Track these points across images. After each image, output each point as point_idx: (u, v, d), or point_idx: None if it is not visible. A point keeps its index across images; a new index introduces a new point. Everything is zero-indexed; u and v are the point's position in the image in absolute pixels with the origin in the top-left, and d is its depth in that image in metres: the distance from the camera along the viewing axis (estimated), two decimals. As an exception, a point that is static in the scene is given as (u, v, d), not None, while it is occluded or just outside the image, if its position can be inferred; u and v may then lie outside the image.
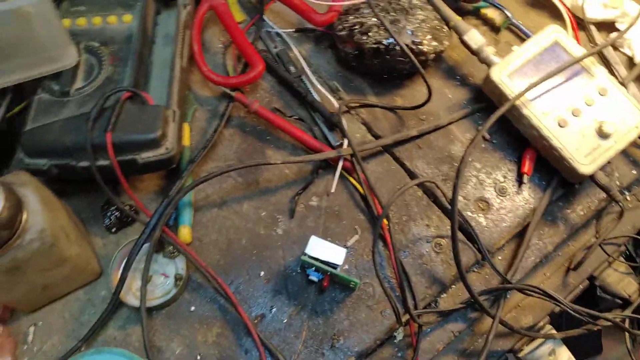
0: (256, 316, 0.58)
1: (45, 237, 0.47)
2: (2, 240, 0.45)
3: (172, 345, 0.56)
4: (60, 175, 0.56)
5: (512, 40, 0.77)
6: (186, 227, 0.59)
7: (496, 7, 0.76)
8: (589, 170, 0.61)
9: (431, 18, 0.68)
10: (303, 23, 0.75)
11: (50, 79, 0.58)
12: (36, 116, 0.56)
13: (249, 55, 0.67)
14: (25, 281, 0.50)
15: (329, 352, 0.56)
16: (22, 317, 0.56)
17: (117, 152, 0.54)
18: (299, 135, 0.65)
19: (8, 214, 0.44)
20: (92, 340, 0.55)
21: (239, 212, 0.62)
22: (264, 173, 0.65)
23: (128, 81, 0.58)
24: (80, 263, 0.54)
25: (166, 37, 0.67)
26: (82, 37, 0.61)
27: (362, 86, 0.72)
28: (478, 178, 0.66)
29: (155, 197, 0.62)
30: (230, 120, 0.68)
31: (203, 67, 0.65)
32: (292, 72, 0.70)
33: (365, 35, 0.66)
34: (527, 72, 0.65)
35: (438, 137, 0.69)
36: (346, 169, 0.65)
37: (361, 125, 0.69)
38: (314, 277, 0.58)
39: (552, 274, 0.64)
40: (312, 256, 0.55)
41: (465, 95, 0.72)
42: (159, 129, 0.55)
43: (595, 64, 0.66)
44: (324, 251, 0.56)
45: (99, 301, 0.57)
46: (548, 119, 0.63)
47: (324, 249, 0.56)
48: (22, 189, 0.48)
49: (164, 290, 0.57)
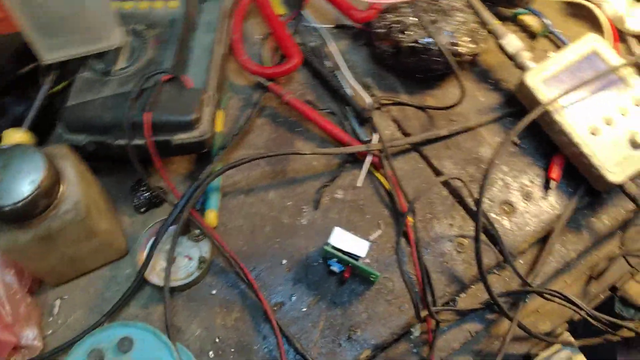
0: (275, 303, 0.58)
1: (79, 209, 0.49)
2: (40, 208, 0.46)
3: (192, 327, 0.57)
4: (97, 151, 0.58)
5: (549, 49, 0.77)
6: (213, 212, 0.60)
7: (535, 14, 0.76)
8: (619, 179, 0.61)
9: (470, 21, 0.68)
10: (341, 19, 0.76)
11: (94, 58, 0.60)
12: (78, 93, 0.58)
13: (287, 48, 0.68)
14: (56, 252, 0.51)
15: (345, 343, 0.57)
16: (49, 290, 0.57)
17: (153, 132, 0.56)
18: (329, 128, 0.66)
19: (48, 183, 0.46)
20: (114, 316, 0.56)
21: (265, 200, 0.63)
22: (291, 163, 0.66)
23: (169, 64, 0.60)
24: (108, 239, 0.55)
25: (208, 24, 0.68)
26: (128, 19, 0.63)
27: (395, 84, 0.72)
28: (504, 181, 0.66)
29: (184, 180, 0.64)
30: (263, 110, 0.69)
31: (241, 56, 0.66)
32: (327, 67, 0.71)
33: (403, 34, 0.67)
34: (562, 79, 0.65)
35: (467, 139, 0.69)
36: (373, 165, 0.65)
37: (391, 122, 0.69)
38: (335, 267, 0.58)
39: (573, 281, 0.64)
40: (335, 247, 0.56)
41: (497, 100, 0.72)
42: (194, 112, 0.56)
43: (632, 75, 0.65)
44: (347, 242, 0.56)
45: (123, 279, 0.58)
46: (580, 126, 0.63)
47: (347, 241, 0.56)
48: (61, 161, 0.50)
49: (186, 272, 0.58)
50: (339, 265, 0.58)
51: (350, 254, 0.56)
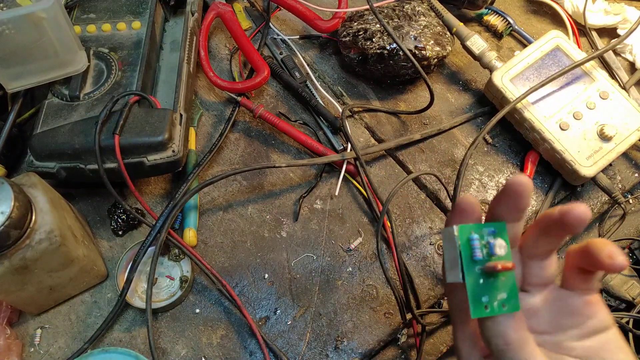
0: (260, 318, 0.58)
1: (53, 238, 0.48)
2: (12, 239, 0.45)
3: (177, 347, 0.56)
4: (69, 178, 0.57)
5: (515, 47, 0.78)
6: (192, 230, 0.60)
7: (498, 13, 0.77)
8: (591, 173, 0.62)
9: (434, 24, 0.69)
10: (308, 30, 0.76)
11: (61, 83, 0.59)
12: (46, 120, 0.57)
13: (255, 61, 0.68)
14: (34, 282, 0.51)
15: (332, 353, 0.57)
16: (29, 319, 0.57)
17: (125, 154, 0.55)
18: (303, 139, 0.66)
19: (18, 213, 0.45)
20: (98, 342, 0.55)
21: (244, 215, 0.63)
22: (268, 177, 0.66)
23: (136, 86, 0.59)
24: (87, 264, 0.54)
25: (174, 43, 0.68)
26: (92, 43, 0.63)
27: (365, 91, 0.73)
28: (481, 181, 0.67)
29: (161, 200, 0.63)
30: (236, 124, 0.69)
31: (209, 73, 0.66)
32: (297, 78, 0.71)
33: (369, 41, 0.67)
34: (528, 77, 0.66)
35: (441, 141, 0.69)
36: (350, 173, 0.65)
37: (365, 129, 0.70)
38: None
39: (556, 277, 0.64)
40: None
41: (468, 100, 0.73)
42: (166, 132, 0.56)
43: (596, 68, 0.67)
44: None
45: (105, 303, 0.58)
46: (550, 122, 0.64)
47: None
48: (31, 190, 0.49)
49: (169, 293, 0.57)
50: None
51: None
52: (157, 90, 0.64)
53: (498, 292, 0.34)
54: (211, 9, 0.70)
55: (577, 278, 0.36)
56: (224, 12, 0.70)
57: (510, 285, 0.34)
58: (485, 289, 0.33)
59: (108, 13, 0.65)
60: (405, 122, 0.70)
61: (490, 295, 0.33)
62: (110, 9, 0.66)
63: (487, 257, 0.34)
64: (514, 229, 0.36)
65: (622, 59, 0.77)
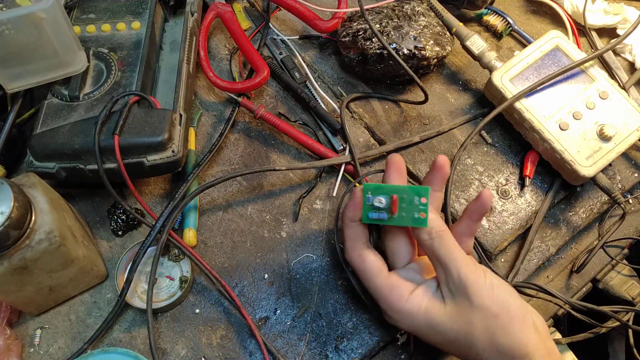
0: (260, 319, 0.58)
1: (53, 238, 0.48)
2: (12, 240, 0.45)
3: (176, 348, 0.56)
4: (68, 178, 0.57)
5: (514, 47, 0.78)
6: (191, 230, 0.60)
7: (498, 13, 0.77)
8: (591, 173, 0.62)
9: (434, 24, 0.69)
10: (308, 30, 0.76)
11: (60, 84, 0.59)
12: (45, 120, 0.57)
13: (254, 61, 0.68)
14: (33, 282, 0.51)
15: (332, 353, 0.57)
16: (29, 320, 0.57)
17: (124, 154, 0.55)
18: (303, 140, 0.66)
19: (18, 213, 0.45)
20: (97, 342, 0.55)
21: (244, 216, 0.63)
22: (268, 177, 0.66)
23: (136, 86, 0.59)
24: (86, 264, 0.54)
25: (173, 43, 0.68)
26: (91, 43, 0.63)
27: (365, 91, 0.72)
28: (480, 181, 0.67)
29: (161, 200, 0.63)
30: (236, 125, 0.69)
31: (209, 73, 0.66)
32: (296, 78, 0.71)
33: (368, 41, 0.67)
34: (528, 77, 0.66)
35: (441, 141, 0.69)
36: (350, 172, 0.65)
37: (364, 129, 0.70)
38: (377, 214, 0.53)
39: (555, 276, 0.65)
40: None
41: (468, 101, 0.73)
42: (165, 132, 0.56)
43: (595, 68, 0.67)
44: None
45: (105, 304, 0.58)
46: (549, 122, 0.64)
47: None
48: (31, 190, 0.49)
49: (169, 293, 0.57)
50: (379, 212, 0.53)
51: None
52: (157, 91, 0.64)
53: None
54: (211, 9, 0.70)
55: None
56: (224, 12, 0.70)
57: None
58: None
59: (107, 13, 0.65)
60: (405, 122, 0.70)
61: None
62: (109, 9, 0.66)
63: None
64: (436, 194, 0.56)
65: (622, 59, 0.77)
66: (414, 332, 0.52)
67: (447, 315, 0.49)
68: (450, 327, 0.49)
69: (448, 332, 0.49)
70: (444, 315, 0.49)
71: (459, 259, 0.49)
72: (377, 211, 0.52)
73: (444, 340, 0.50)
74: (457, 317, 0.48)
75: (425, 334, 0.51)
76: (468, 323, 0.48)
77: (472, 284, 0.48)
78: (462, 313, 0.48)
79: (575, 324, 0.65)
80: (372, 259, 0.53)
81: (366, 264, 0.53)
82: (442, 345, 0.51)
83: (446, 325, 0.49)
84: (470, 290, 0.48)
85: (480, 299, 0.48)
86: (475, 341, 0.48)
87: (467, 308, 0.48)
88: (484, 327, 0.47)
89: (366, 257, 0.53)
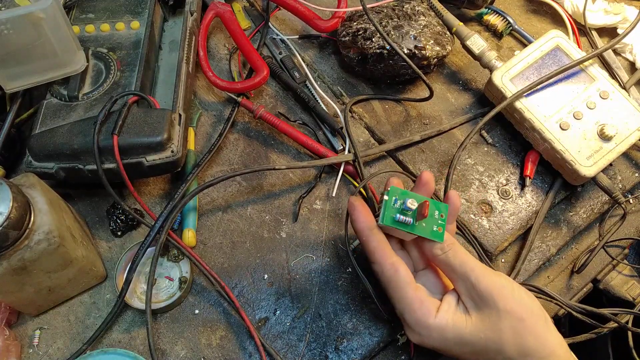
0: (260, 319, 0.58)
1: (52, 238, 0.48)
2: (11, 240, 0.45)
3: (176, 348, 0.56)
4: (67, 178, 0.57)
5: (515, 46, 0.78)
6: (191, 231, 0.60)
7: (498, 13, 0.77)
8: (591, 173, 0.62)
9: (434, 24, 0.69)
10: (308, 30, 0.76)
11: (59, 84, 0.59)
12: (44, 120, 0.57)
13: (254, 61, 0.68)
14: (32, 282, 0.50)
15: (332, 354, 0.57)
16: (28, 320, 0.56)
17: (124, 154, 0.55)
18: (303, 140, 0.66)
19: (17, 214, 0.45)
20: (96, 343, 0.55)
21: (243, 216, 0.63)
22: (267, 177, 0.65)
23: (135, 86, 0.59)
24: (85, 265, 0.54)
25: (173, 43, 0.68)
26: (90, 43, 0.63)
27: (365, 91, 0.72)
28: (481, 181, 0.67)
29: (160, 201, 0.63)
30: (235, 125, 0.69)
31: (208, 73, 0.66)
32: (296, 78, 0.71)
33: (368, 41, 0.67)
34: (528, 76, 0.66)
35: (441, 141, 0.69)
36: (349, 173, 0.65)
37: (365, 129, 0.69)
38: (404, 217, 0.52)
39: (556, 277, 0.64)
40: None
41: (468, 100, 0.73)
42: (164, 132, 0.56)
43: (596, 68, 0.66)
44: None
45: (104, 304, 0.57)
46: (550, 122, 0.64)
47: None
48: (30, 190, 0.49)
49: (168, 294, 0.57)
50: (406, 216, 0.51)
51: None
52: (156, 91, 0.64)
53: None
54: (210, 9, 0.70)
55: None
56: (223, 11, 0.70)
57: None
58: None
59: (107, 13, 0.65)
60: (405, 122, 0.70)
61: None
62: (108, 8, 0.65)
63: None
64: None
65: (622, 59, 0.77)
66: (439, 348, 0.51)
67: (475, 327, 0.49)
68: (479, 338, 0.48)
69: (476, 343, 0.49)
70: (471, 326, 0.49)
71: (475, 267, 0.50)
72: (404, 214, 0.51)
73: (471, 351, 0.50)
74: (484, 327, 0.48)
75: (451, 349, 0.50)
76: (497, 330, 0.48)
77: (497, 291, 0.48)
78: (489, 321, 0.48)
79: (576, 323, 0.65)
80: (404, 268, 0.51)
81: (399, 274, 0.51)
82: (467, 356, 0.51)
83: (474, 337, 0.49)
84: (497, 298, 0.48)
85: (505, 304, 0.48)
86: (504, 347, 0.48)
87: (494, 316, 0.48)
88: (512, 332, 0.48)
89: (399, 266, 0.51)
